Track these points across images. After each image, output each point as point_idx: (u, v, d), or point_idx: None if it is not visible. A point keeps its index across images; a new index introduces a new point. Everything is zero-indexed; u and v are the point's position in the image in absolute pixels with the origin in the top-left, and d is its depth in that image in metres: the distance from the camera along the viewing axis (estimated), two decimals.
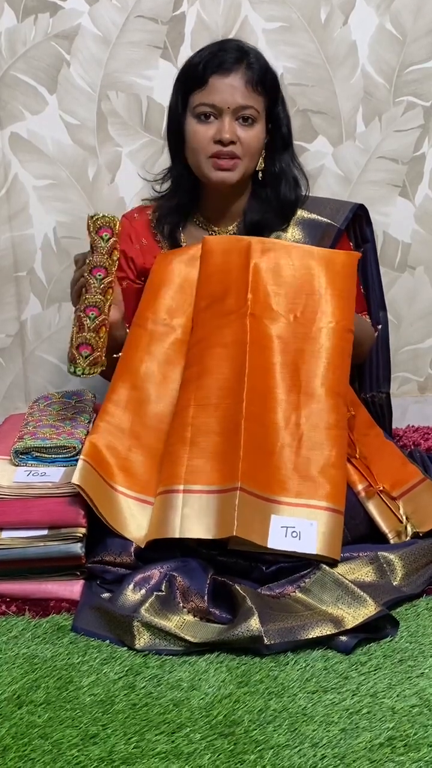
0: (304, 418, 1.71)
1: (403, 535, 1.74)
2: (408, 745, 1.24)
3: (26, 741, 1.28)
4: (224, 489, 1.63)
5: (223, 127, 1.82)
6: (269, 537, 1.61)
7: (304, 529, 1.62)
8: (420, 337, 2.47)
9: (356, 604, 1.52)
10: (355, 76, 2.27)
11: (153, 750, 1.25)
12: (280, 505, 1.65)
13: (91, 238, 1.75)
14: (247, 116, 1.83)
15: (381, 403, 2.11)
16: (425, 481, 1.86)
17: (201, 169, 1.87)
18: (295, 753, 1.24)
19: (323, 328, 1.76)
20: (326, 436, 1.70)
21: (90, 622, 1.57)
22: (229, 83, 1.81)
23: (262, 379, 1.73)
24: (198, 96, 1.83)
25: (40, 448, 1.78)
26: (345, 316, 1.78)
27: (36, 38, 2.22)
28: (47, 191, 2.30)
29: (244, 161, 1.85)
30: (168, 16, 2.22)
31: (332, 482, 1.67)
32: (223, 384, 1.73)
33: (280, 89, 1.91)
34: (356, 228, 2.05)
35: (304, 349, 1.75)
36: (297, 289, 1.78)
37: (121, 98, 2.26)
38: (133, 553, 1.67)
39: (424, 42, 2.27)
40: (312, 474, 1.67)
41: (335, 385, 1.74)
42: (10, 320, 2.38)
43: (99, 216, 1.74)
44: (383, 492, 1.77)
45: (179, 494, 1.65)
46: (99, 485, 1.69)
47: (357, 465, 1.79)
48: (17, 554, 1.67)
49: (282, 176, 1.92)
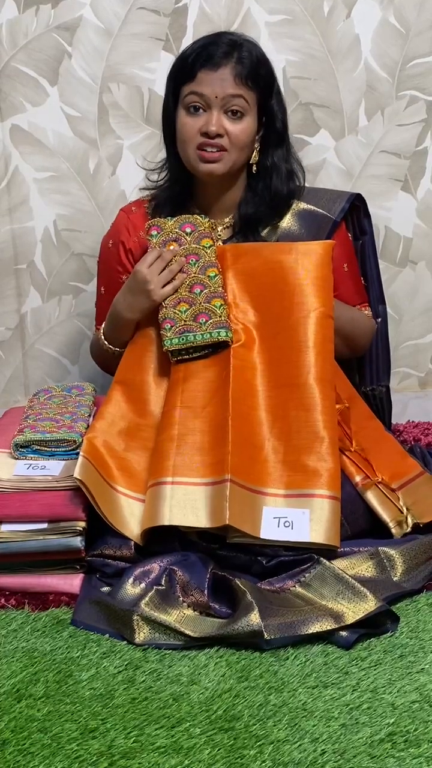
0: (293, 409, 1.73)
1: (404, 525, 1.73)
2: (408, 741, 1.24)
3: (25, 735, 1.28)
4: (214, 481, 1.65)
5: (210, 119, 1.83)
6: (261, 528, 1.62)
7: (297, 518, 1.63)
8: (421, 332, 2.46)
9: (356, 600, 1.52)
10: (357, 70, 2.26)
11: (152, 744, 1.25)
12: (270, 497, 1.66)
13: (176, 234, 1.85)
14: (236, 109, 1.83)
15: (381, 397, 2.12)
16: (424, 474, 1.86)
17: (189, 160, 1.88)
18: (295, 748, 1.24)
19: (302, 318, 1.78)
20: (315, 424, 1.71)
21: (89, 616, 1.57)
22: (218, 76, 1.82)
23: (246, 378, 1.76)
24: (187, 87, 1.85)
25: (40, 442, 1.77)
26: (323, 303, 1.79)
27: (37, 30, 2.21)
28: (48, 184, 2.29)
29: (231, 154, 1.85)
30: (170, 8, 2.21)
31: (325, 469, 1.67)
32: (209, 387, 1.77)
33: (275, 82, 1.90)
34: (354, 219, 2.05)
35: (286, 342, 1.78)
36: (271, 285, 1.82)
37: (123, 90, 2.25)
38: (133, 547, 1.67)
39: (427, 36, 2.26)
40: (303, 463, 1.68)
41: (320, 372, 1.75)
42: (10, 313, 2.37)
43: (174, 218, 1.87)
44: (382, 483, 1.77)
45: (168, 485, 1.66)
46: (99, 483, 1.69)
47: (353, 458, 1.78)
48: (17, 547, 1.67)
49: (274, 170, 1.92)
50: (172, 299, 1.82)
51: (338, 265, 1.92)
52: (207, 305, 1.80)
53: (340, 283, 1.92)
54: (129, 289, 1.85)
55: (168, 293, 1.82)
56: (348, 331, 1.93)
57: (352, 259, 2.01)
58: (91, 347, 2.09)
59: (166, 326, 1.80)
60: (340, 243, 1.95)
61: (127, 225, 1.98)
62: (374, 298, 2.07)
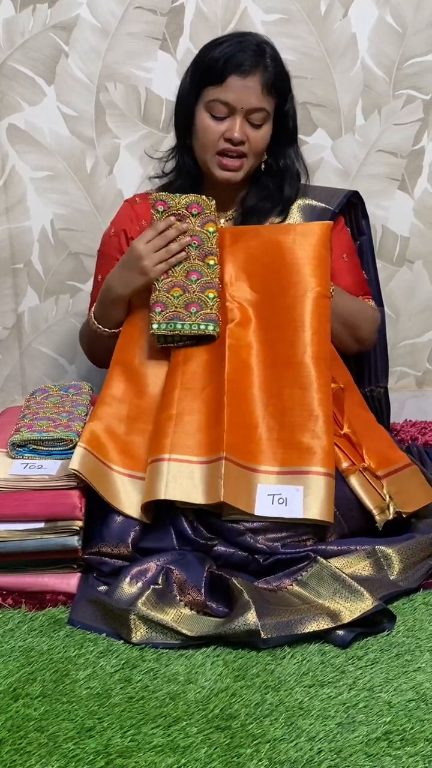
0: (288, 387, 1.74)
1: (387, 512, 1.73)
2: (405, 740, 1.24)
3: (22, 734, 1.28)
4: (210, 459, 1.67)
5: (234, 126, 1.84)
6: (256, 505, 1.64)
7: (291, 495, 1.65)
8: (418, 331, 2.46)
9: (353, 598, 1.52)
10: (354, 69, 2.26)
11: (149, 743, 1.25)
12: (265, 474, 1.68)
13: (182, 213, 1.81)
14: (258, 119, 1.86)
15: (379, 398, 2.12)
16: (412, 466, 1.87)
17: (207, 164, 1.90)
18: (292, 747, 1.24)
19: (299, 297, 1.79)
20: (310, 402, 1.72)
21: (86, 616, 1.57)
22: (246, 84, 1.83)
23: (242, 357, 1.77)
24: (213, 91, 1.85)
25: (36, 441, 1.77)
26: (319, 282, 1.80)
27: (34, 29, 2.21)
28: (45, 183, 2.29)
29: (250, 160, 1.89)
30: (167, 8, 2.21)
31: (319, 446, 1.69)
32: (206, 368, 1.78)
33: (291, 88, 1.93)
34: (352, 219, 2.06)
35: (282, 321, 1.78)
36: (269, 265, 1.82)
37: (120, 90, 2.25)
38: (131, 545, 1.67)
39: (424, 35, 2.26)
40: (297, 441, 1.70)
41: (316, 351, 1.76)
42: (7, 312, 2.37)
43: (184, 196, 1.82)
44: (368, 470, 1.78)
45: (165, 462, 1.68)
46: (97, 468, 1.71)
47: (340, 443, 1.78)
48: (14, 547, 1.67)
49: (286, 172, 1.95)
50: (166, 282, 1.80)
51: (337, 255, 1.92)
52: (200, 295, 1.79)
53: (340, 273, 1.93)
54: (124, 263, 1.85)
55: (161, 270, 1.80)
56: (351, 319, 1.92)
57: (351, 251, 2.02)
58: (81, 334, 2.08)
59: (156, 309, 1.79)
60: (339, 233, 1.96)
61: (131, 215, 2.00)
62: (373, 299, 2.07)
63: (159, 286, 1.80)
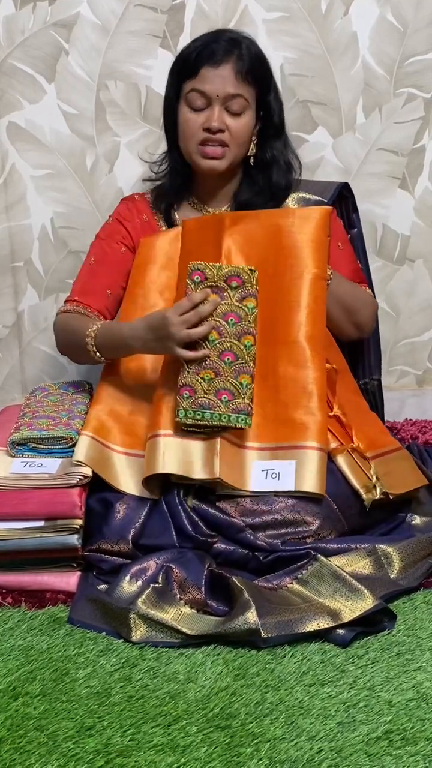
0: (281, 366, 1.77)
1: (373, 491, 1.73)
2: (405, 739, 1.24)
3: (22, 733, 1.27)
4: (205, 436, 1.70)
5: (212, 115, 1.88)
6: (251, 481, 1.69)
7: (283, 469, 1.69)
8: (418, 330, 2.46)
9: (354, 597, 1.52)
10: (355, 67, 2.26)
11: (149, 742, 1.25)
12: (259, 450, 1.72)
13: (219, 286, 1.69)
14: (236, 106, 1.89)
15: (373, 391, 2.15)
16: (402, 450, 1.89)
17: (191, 155, 1.94)
18: (292, 746, 1.23)
19: (296, 279, 1.80)
20: (304, 380, 1.75)
21: (86, 614, 1.57)
22: (219, 73, 1.87)
23: None
24: (189, 84, 1.90)
25: (36, 439, 1.77)
26: (317, 265, 1.81)
27: (34, 27, 2.20)
28: (45, 181, 2.29)
29: (233, 149, 1.91)
30: (167, 5, 2.21)
31: (313, 422, 1.72)
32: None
33: (272, 78, 1.96)
34: (343, 212, 2.10)
35: (278, 301, 1.79)
36: (268, 247, 1.83)
37: (120, 88, 2.25)
38: (131, 542, 1.67)
39: (424, 33, 2.26)
40: (291, 417, 1.73)
41: (310, 330, 1.78)
42: (7, 311, 2.37)
43: (227, 267, 1.70)
44: (356, 451, 1.78)
45: (161, 438, 1.71)
46: (100, 455, 1.75)
47: (330, 424, 1.78)
48: (13, 545, 1.67)
49: (273, 163, 1.98)
50: (196, 365, 1.69)
51: (333, 243, 1.94)
52: (233, 381, 1.68)
53: (336, 261, 1.94)
54: (149, 326, 1.73)
55: (190, 337, 1.68)
56: (350, 303, 1.94)
57: (346, 240, 2.05)
58: (62, 330, 1.95)
59: (184, 394, 1.68)
60: (333, 222, 1.97)
61: (132, 209, 2.04)
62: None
63: (189, 367, 1.69)
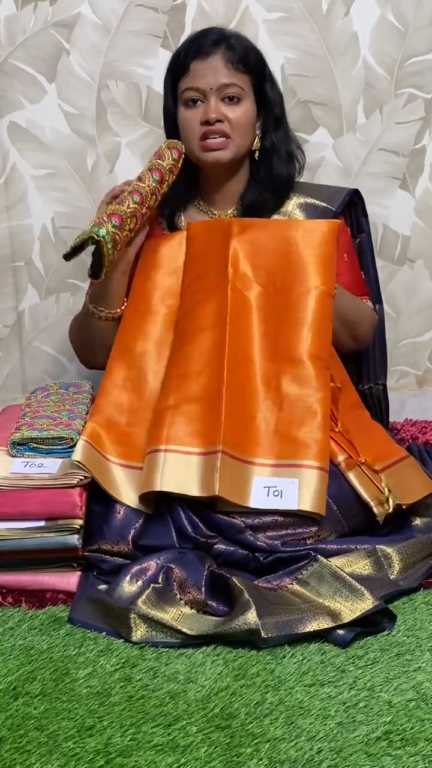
0: (285, 383, 1.75)
1: (385, 505, 1.73)
2: (405, 739, 1.24)
3: (22, 733, 1.28)
4: (206, 452, 1.68)
5: (209, 107, 1.88)
6: (251, 497, 1.66)
7: (286, 487, 1.67)
8: (419, 330, 2.46)
9: (354, 598, 1.52)
10: (356, 68, 2.26)
11: (149, 742, 1.25)
12: (261, 466, 1.70)
13: (161, 151, 1.87)
14: (232, 95, 1.88)
15: (378, 396, 2.14)
16: (409, 458, 1.88)
17: (194, 153, 1.92)
18: (292, 746, 1.23)
19: (303, 294, 1.79)
20: (308, 399, 1.74)
21: (86, 614, 1.57)
22: (210, 65, 1.87)
23: (242, 348, 1.77)
24: (183, 82, 1.90)
25: (37, 439, 1.77)
26: (324, 281, 1.80)
27: (35, 26, 2.20)
28: (45, 181, 2.29)
29: (235, 139, 1.90)
30: (168, 5, 2.21)
31: (314, 441, 1.70)
32: (205, 353, 1.77)
33: (266, 67, 1.96)
34: (352, 217, 2.07)
35: (284, 316, 1.78)
36: (275, 259, 1.82)
37: (121, 88, 2.25)
38: (131, 542, 1.67)
39: (425, 33, 2.26)
40: (294, 435, 1.71)
41: (315, 349, 1.77)
42: (8, 311, 2.37)
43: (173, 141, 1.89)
44: (365, 464, 1.78)
45: (161, 453, 1.69)
46: (98, 461, 1.73)
47: (337, 438, 1.79)
48: (14, 545, 1.67)
49: (273, 152, 1.96)
50: (134, 207, 1.80)
51: (339, 254, 1.92)
52: (112, 208, 1.78)
53: (340, 272, 1.93)
54: None
55: (106, 197, 1.86)
56: (350, 317, 1.93)
57: (351, 251, 2.03)
58: (72, 325, 2.05)
59: (113, 220, 1.75)
60: (340, 233, 1.96)
61: None
62: (372, 297, 2.07)
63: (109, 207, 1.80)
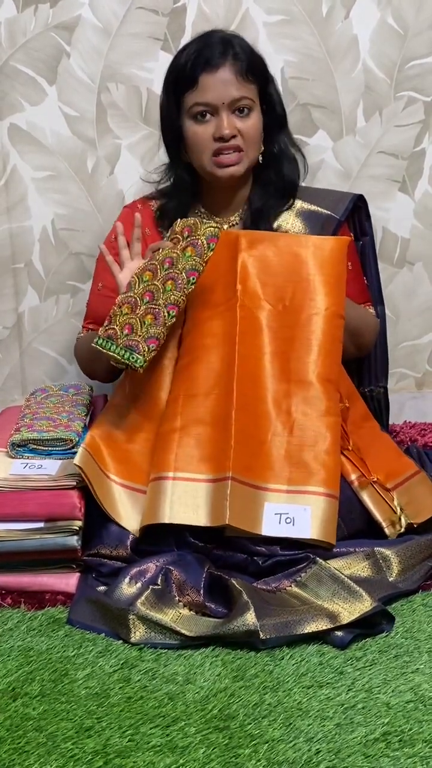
0: (295, 405, 1.72)
1: (397, 525, 1.73)
2: (403, 741, 1.24)
3: (21, 733, 1.28)
4: (215, 479, 1.65)
5: (221, 123, 1.83)
6: (263, 524, 1.63)
7: (298, 514, 1.64)
8: (418, 333, 2.46)
9: (352, 600, 1.52)
10: (356, 71, 2.26)
11: (148, 743, 1.25)
12: (272, 492, 1.66)
13: (198, 241, 1.72)
14: (243, 107, 1.84)
15: (379, 398, 2.13)
16: (420, 474, 1.86)
17: (205, 168, 1.88)
18: (290, 747, 1.24)
19: (313, 315, 1.77)
20: (318, 423, 1.71)
21: (85, 615, 1.57)
22: (220, 78, 1.82)
23: (251, 368, 1.74)
24: (191, 96, 1.84)
25: (36, 441, 1.78)
26: (335, 301, 1.78)
27: (36, 29, 2.21)
28: (46, 183, 2.29)
29: (249, 152, 1.87)
30: (169, 8, 2.21)
31: (325, 468, 1.68)
32: (213, 374, 1.74)
33: (268, 71, 1.92)
34: (356, 220, 2.05)
35: (294, 337, 1.76)
36: (285, 277, 1.79)
37: (121, 90, 2.25)
38: (129, 546, 1.67)
39: (425, 37, 2.26)
40: (304, 460, 1.68)
41: (326, 372, 1.75)
42: (8, 312, 2.37)
43: (210, 225, 1.74)
44: (377, 483, 1.77)
45: (169, 481, 1.66)
46: (97, 473, 1.70)
47: (350, 456, 1.79)
48: (13, 546, 1.67)
49: (283, 156, 1.93)
50: (124, 297, 1.72)
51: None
52: (140, 317, 1.69)
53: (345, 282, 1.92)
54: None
55: (124, 278, 1.76)
56: (356, 328, 1.91)
57: (356, 258, 2.02)
58: (78, 348, 2.03)
59: (105, 322, 1.72)
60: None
61: (133, 220, 1.96)
62: (373, 299, 2.07)
63: (120, 298, 1.73)
